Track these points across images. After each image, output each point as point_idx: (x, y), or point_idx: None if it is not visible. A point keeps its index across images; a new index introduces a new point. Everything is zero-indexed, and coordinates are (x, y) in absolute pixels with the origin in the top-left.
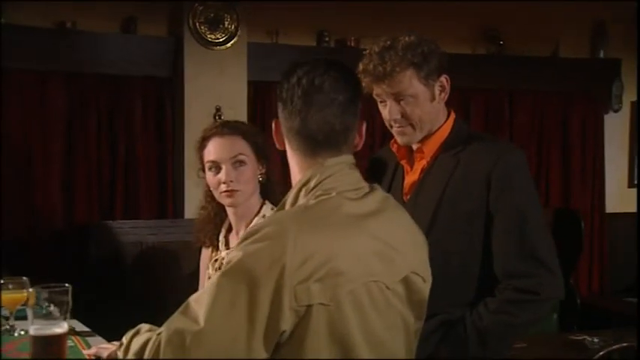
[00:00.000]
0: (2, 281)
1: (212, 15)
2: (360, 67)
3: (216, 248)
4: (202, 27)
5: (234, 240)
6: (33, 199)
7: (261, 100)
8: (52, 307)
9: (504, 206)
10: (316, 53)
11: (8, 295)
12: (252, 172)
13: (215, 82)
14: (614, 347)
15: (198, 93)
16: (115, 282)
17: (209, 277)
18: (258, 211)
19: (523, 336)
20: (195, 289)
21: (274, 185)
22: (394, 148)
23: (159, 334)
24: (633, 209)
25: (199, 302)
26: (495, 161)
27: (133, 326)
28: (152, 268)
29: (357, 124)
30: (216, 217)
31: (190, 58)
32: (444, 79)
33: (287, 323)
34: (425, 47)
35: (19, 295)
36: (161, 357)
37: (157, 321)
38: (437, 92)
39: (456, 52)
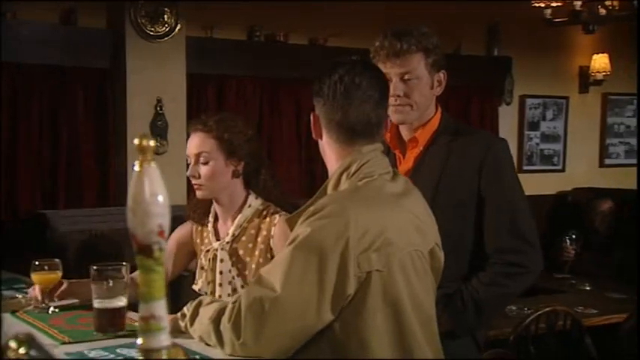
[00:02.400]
0: (37, 262)
1: (152, 9)
2: (377, 43)
3: (205, 226)
4: (143, 20)
5: (222, 230)
6: None
7: (198, 92)
8: (111, 283)
9: (495, 190)
10: (248, 47)
11: (43, 276)
12: (215, 170)
13: (156, 75)
14: (541, 312)
15: (139, 85)
16: (64, 270)
17: (202, 267)
18: (244, 203)
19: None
20: None
21: (262, 178)
22: (387, 138)
23: (234, 302)
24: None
25: (271, 273)
26: (486, 150)
27: None
28: (102, 256)
29: (385, 117)
30: (205, 200)
31: (132, 51)
32: (442, 74)
33: (352, 288)
34: (435, 40)
35: (53, 275)
36: (242, 322)
37: None
38: (435, 83)
39: (367, 49)
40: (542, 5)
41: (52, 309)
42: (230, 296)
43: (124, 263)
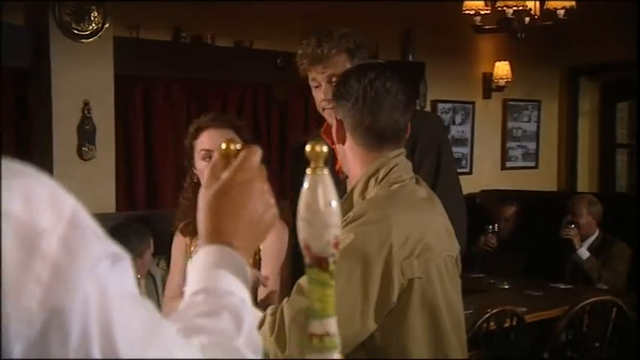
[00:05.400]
0: None
1: (78, 7)
2: (300, 51)
3: (195, 238)
4: (68, 18)
5: None
6: None
7: (124, 94)
8: None
9: (426, 164)
10: (175, 48)
11: None
12: None
13: (82, 76)
14: (492, 312)
15: (65, 86)
16: None
17: None
18: None
19: None
20: None
21: None
22: (323, 135)
23: (273, 314)
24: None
25: None
26: (417, 128)
27: None
28: None
29: (409, 121)
30: (197, 207)
31: (56, 51)
32: None
33: (395, 295)
34: (357, 39)
35: None
36: (287, 334)
37: None
38: None
39: (291, 51)
40: (472, 12)
41: None
42: None
43: None
